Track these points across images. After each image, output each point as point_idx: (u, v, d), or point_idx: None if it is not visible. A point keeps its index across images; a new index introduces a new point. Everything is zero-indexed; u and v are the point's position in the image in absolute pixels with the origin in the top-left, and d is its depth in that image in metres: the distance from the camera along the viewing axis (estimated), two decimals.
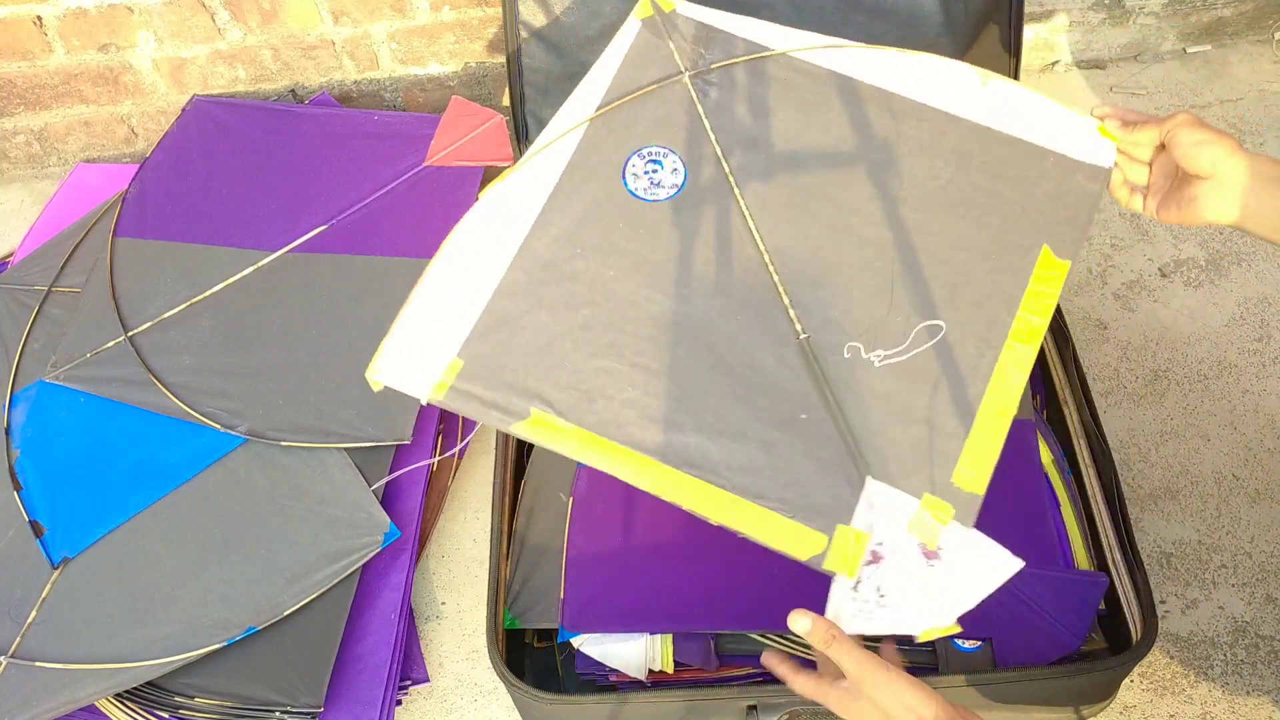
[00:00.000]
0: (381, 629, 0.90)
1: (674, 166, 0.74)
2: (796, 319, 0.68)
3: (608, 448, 0.63)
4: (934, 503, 0.62)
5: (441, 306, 0.67)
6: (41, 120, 1.33)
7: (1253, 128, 1.27)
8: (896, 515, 0.62)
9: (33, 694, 0.83)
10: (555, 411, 0.64)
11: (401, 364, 0.66)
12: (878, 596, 0.60)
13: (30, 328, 1.07)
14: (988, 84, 0.75)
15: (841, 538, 0.61)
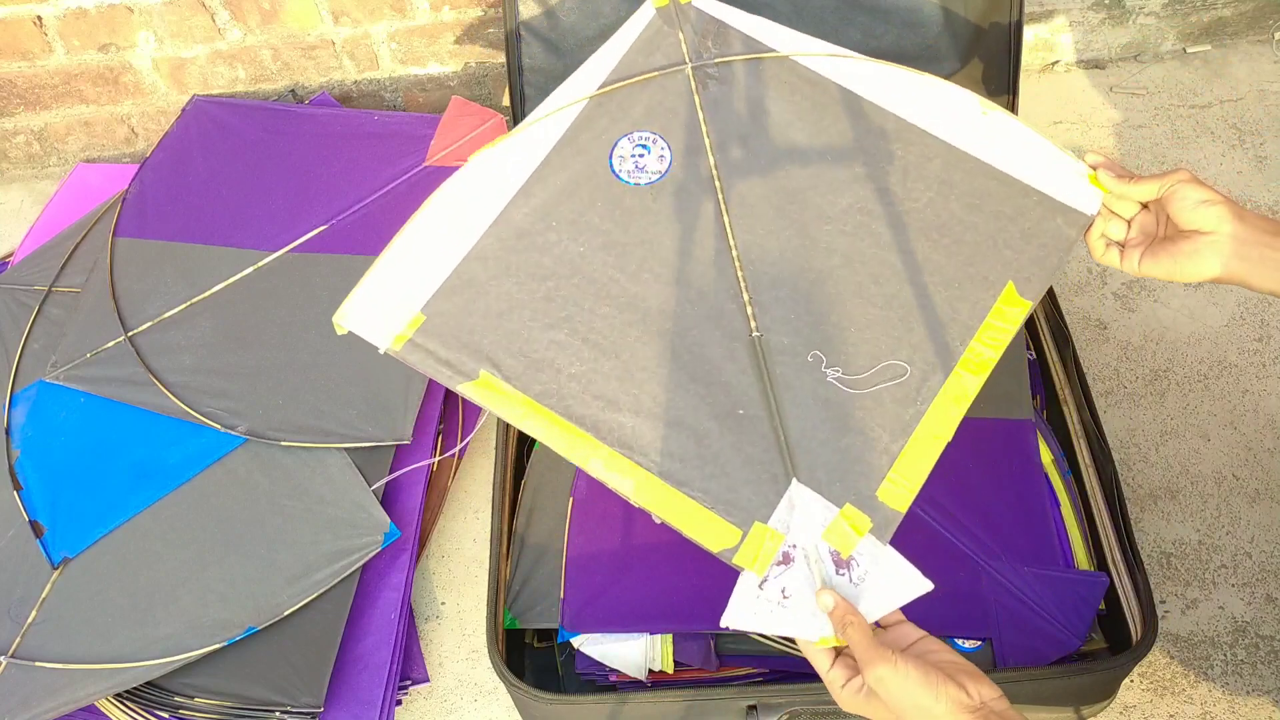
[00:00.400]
0: (381, 629, 0.90)
1: (661, 153, 0.75)
2: (753, 316, 0.69)
3: (547, 417, 0.65)
4: (854, 514, 0.63)
5: (414, 262, 0.70)
6: (41, 120, 1.33)
7: (1253, 128, 1.27)
8: (814, 520, 0.63)
9: (33, 694, 0.83)
10: (503, 376, 0.66)
11: (368, 311, 0.69)
12: (780, 597, 0.61)
13: (30, 328, 1.07)
14: (987, 114, 0.75)
15: (756, 534, 0.62)
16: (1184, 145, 1.26)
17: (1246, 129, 1.27)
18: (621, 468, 0.64)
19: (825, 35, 0.93)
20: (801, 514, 0.63)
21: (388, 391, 0.97)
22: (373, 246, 1.08)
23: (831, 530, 0.62)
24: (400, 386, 0.98)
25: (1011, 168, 0.74)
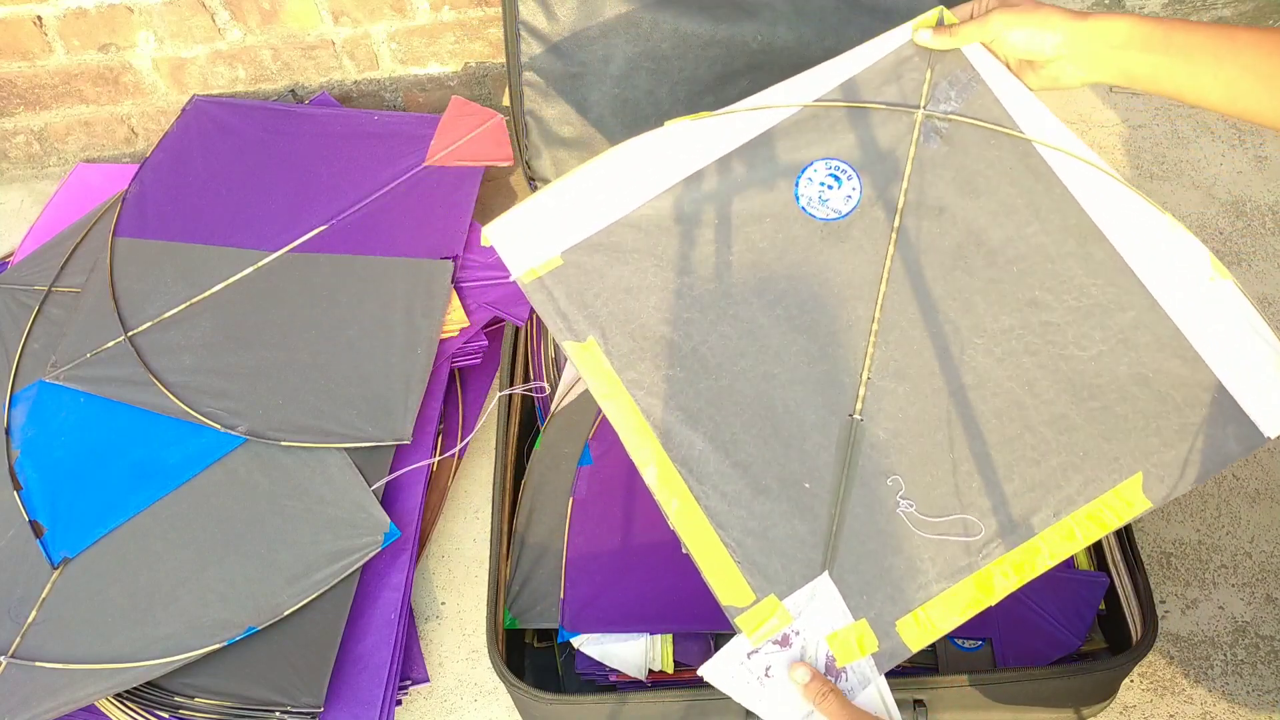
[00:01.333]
0: (381, 629, 0.90)
1: (850, 193, 0.70)
2: (862, 398, 0.66)
3: (628, 406, 0.65)
4: (866, 631, 0.62)
5: (576, 203, 0.68)
6: (41, 120, 1.33)
7: (1252, 128, 1.27)
8: (827, 620, 0.62)
9: (33, 694, 0.83)
10: (606, 350, 0.66)
11: (517, 234, 0.67)
12: (764, 674, 0.62)
13: (30, 328, 1.07)
14: (1213, 280, 0.65)
15: (767, 606, 0.62)
16: (1184, 145, 1.26)
17: (1246, 129, 1.27)
18: (673, 486, 0.63)
19: (824, 36, 0.93)
20: (818, 608, 0.62)
21: (388, 392, 0.97)
22: (373, 246, 1.08)
23: (838, 637, 0.62)
24: (400, 387, 0.98)
25: (1208, 351, 0.65)
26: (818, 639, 0.62)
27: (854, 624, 0.62)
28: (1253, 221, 1.19)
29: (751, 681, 0.62)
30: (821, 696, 0.59)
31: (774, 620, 0.62)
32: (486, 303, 1.04)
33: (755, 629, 0.61)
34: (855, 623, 0.62)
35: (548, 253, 0.67)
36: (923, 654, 0.80)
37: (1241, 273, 1.14)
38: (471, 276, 1.06)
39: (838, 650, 0.62)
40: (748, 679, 0.62)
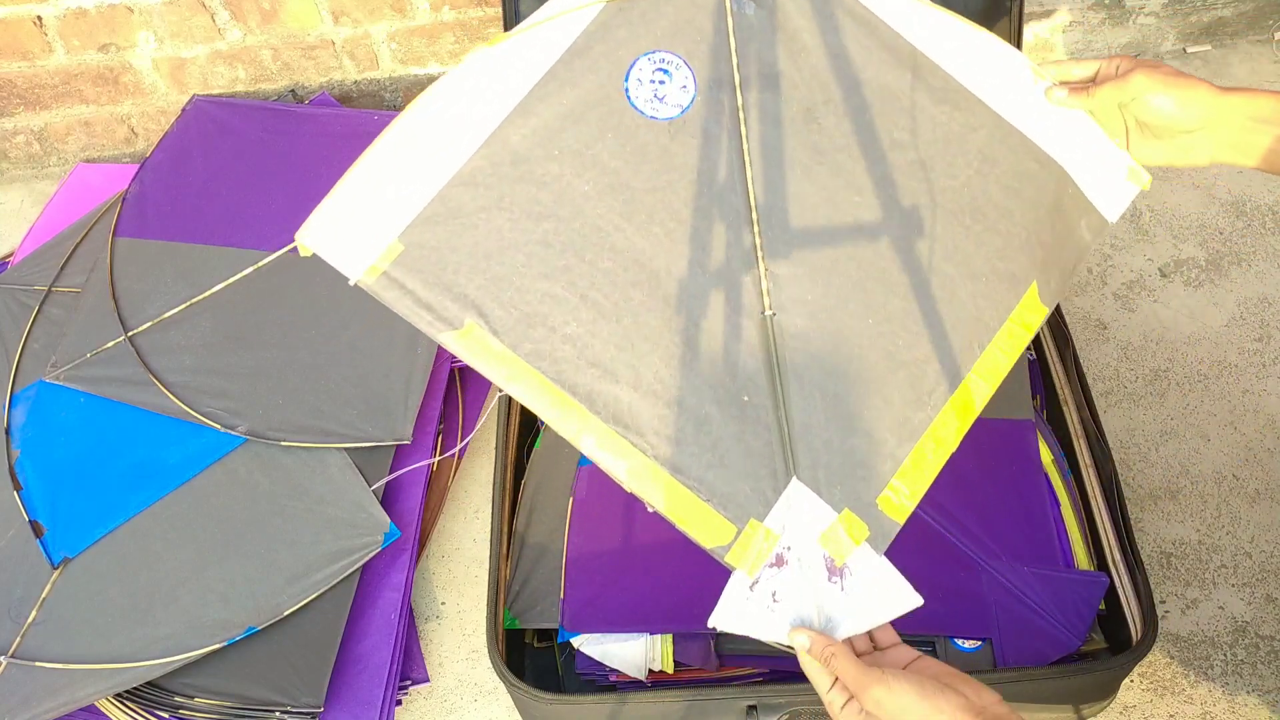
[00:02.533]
0: (381, 629, 0.90)
1: (684, 83, 0.65)
2: (766, 292, 0.62)
3: (537, 382, 0.58)
4: (852, 520, 0.59)
5: (394, 178, 0.59)
6: (41, 120, 1.33)
7: None
8: (812, 523, 0.59)
9: (33, 694, 0.83)
10: (491, 329, 0.58)
11: (337, 232, 0.59)
12: (771, 600, 0.58)
13: (30, 328, 1.07)
14: (1038, 83, 0.67)
15: (751, 533, 0.58)
16: None
17: None
18: (616, 448, 0.58)
19: None
20: (798, 515, 0.59)
21: (388, 391, 0.97)
22: None
23: (827, 536, 0.59)
24: (400, 387, 0.98)
25: (1056, 150, 0.66)
26: (809, 546, 0.59)
27: (838, 517, 0.59)
28: (1253, 221, 1.19)
29: (763, 612, 0.58)
30: (829, 657, 0.56)
31: (762, 543, 0.58)
32: None
33: (747, 559, 0.58)
34: (839, 515, 0.59)
35: (382, 242, 0.59)
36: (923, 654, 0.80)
37: (1241, 272, 1.14)
38: None
39: (831, 549, 0.58)
40: (759, 612, 0.58)
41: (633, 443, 0.58)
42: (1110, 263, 1.17)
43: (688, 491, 0.58)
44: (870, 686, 0.53)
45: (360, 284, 0.59)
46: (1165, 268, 1.16)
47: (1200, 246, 1.17)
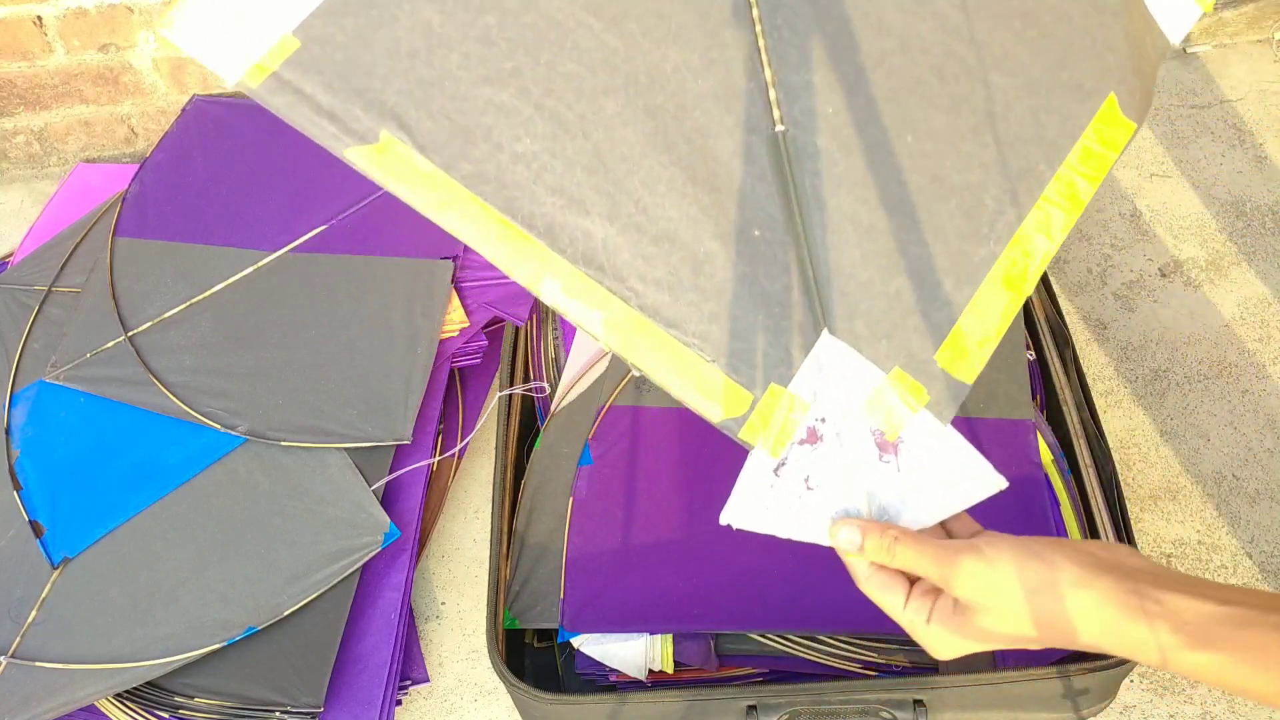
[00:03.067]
0: (381, 629, 0.90)
1: None
2: (777, 102, 0.51)
3: (480, 211, 0.46)
4: (905, 381, 0.48)
5: None
6: (41, 120, 1.33)
7: (1252, 128, 1.27)
8: (852, 387, 0.47)
9: (33, 694, 0.83)
10: (414, 143, 0.46)
11: (210, 21, 0.45)
12: (803, 488, 0.46)
13: (30, 328, 1.07)
14: None
15: (772, 400, 0.46)
16: (1184, 145, 1.26)
17: (1246, 129, 1.27)
18: (587, 295, 0.46)
19: None
20: (834, 378, 0.47)
21: (388, 391, 0.97)
22: (373, 246, 1.08)
23: (875, 402, 0.47)
24: (400, 386, 0.98)
25: None
26: (851, 417, 0.47)
27: (887, 378, 0.47)
28: (1253, 221, 1.19)
29: (793, 503, 0.46)
30: (888, 547, 0.43)
31: (786, 414, 0.47)
32: (486, 302, 1.04)
33: (769, 434, 0.46)
34: (888, 376, 0.48)
35: (270, 34, 0.46)
36: (923, 654, 0.80)
37: (1241, 272, 1.14)
38: (471, 276, 1.06)
39: (881, 420, 0.47)
40: (787, 502, 0.46)
41: (610, 289, 0.46)
42: (1110, 263, 1.17)
43: (686, 350, 0.46)
44: (959, 559, 0.41)
45: (240, 86, 0.45)
46: (1165, 268, 1.16)
47: (1200, 246, 1.17)
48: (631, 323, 0.46)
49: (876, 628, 0.80)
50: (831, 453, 0.46)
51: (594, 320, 0.46)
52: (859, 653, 0.80)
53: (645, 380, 0.96)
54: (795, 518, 0.46)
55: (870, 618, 0.80)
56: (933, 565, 0.41)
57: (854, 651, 0.80)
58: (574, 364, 0.98)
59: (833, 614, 0.80)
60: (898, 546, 0.43)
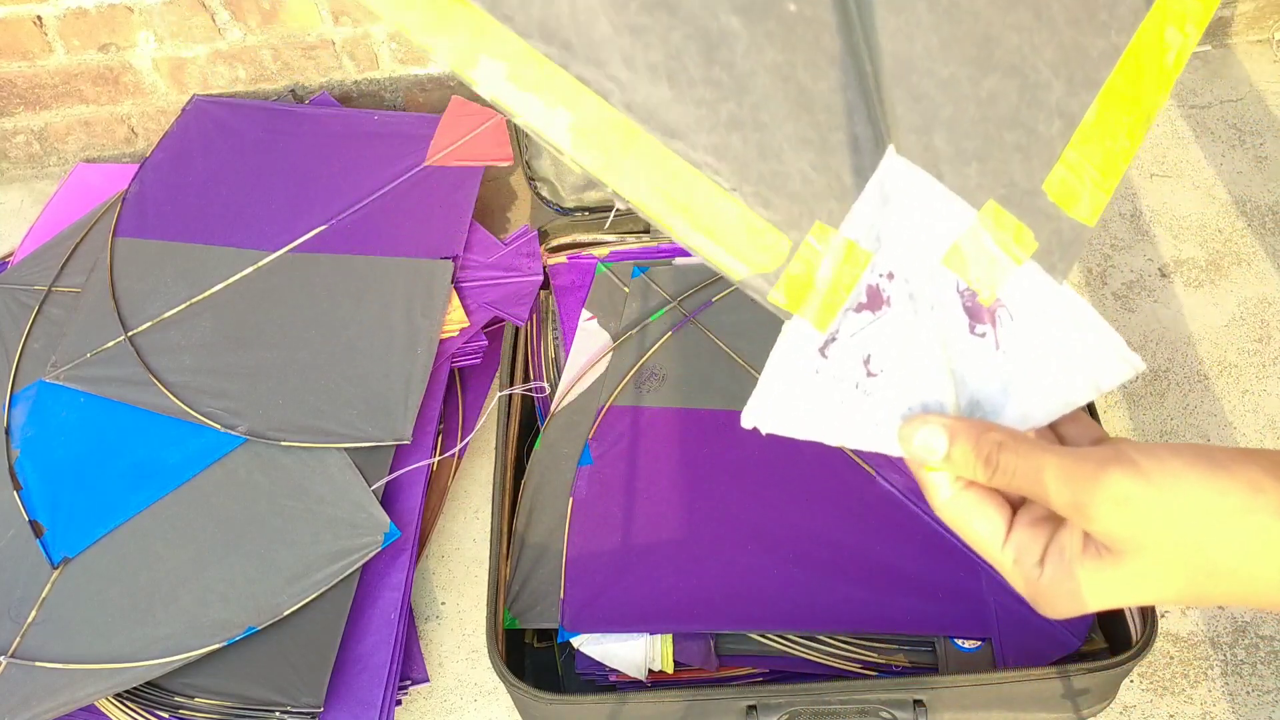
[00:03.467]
0: (381, 629, 0.90)
1: None
2: None
3: None
4: (1004, 221, 0.34)
5: None
6: (41, 120, 1.33)
7: (1252, 128, 1.27)
8: (930, 230, 0.34)
9: (33, 694, 0.83)
10: None
11: None
12: (861, 373, 0.33)
13: (30, 328, 1.07)
14: None
15: (817, 248, 0.33)
16: (1184, 145, 1.26)
17: (1246, 129, 1.27)
18: (545, 85, 0.31)
19: None
20: (905, 216, 0.34)
21: (388, 391, 0.97)
22: (373, 246, 1.08)
23: (963, 250, 0.34)
24: (400, 386, 0.98)
25: None
26: (930, 272, 0.33)
27: (978, 216, 0.34)
28: (1253, 221, 1.19)
29: (847, 397, 0.33)
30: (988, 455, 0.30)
31: (838, 267, 0.33)
32: (486, 302, 1.04)
33: (812, 297, 0.33)
34: (980, 212, 0.34)
35: None
36: (923, 654, 0.80)
37: (1241, 272, 1.14)
38: (471, 276, 1.06)
39: (974, 276, 0.34)
40: (838, 394, 0.33)
41: (580, 77, 0.31)
42: (1110, 263, 1.17)
43: (692, 172, 0.32)
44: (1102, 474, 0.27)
45: None
46: (1165, 268, 1.16)
47: (1200, 246, 1.17)
48: (612, 130, 0.31)
49: (876, 628, 0.80)
50: (902, 323, 0.33)
51: (556, 125, 0.31)
52: (859, 653, 0.80)
53: (646, 378, 0.96)
54: (849, 416, 0.33)
55: (870, 617, 0.81)
56: (1060, 483, 0.28)
57: (854, 651, 0.80)
58: (574, 364, 0.98)
59: (833, 614, 0.80)
60: (1002, 455, 0.29)
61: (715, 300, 1.01)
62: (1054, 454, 0.29)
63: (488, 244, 1.09)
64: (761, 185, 0.33)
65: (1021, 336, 0.34)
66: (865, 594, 0.81)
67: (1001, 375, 0.34)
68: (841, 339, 0.33)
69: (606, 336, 1.00)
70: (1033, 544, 0.31)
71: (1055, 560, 0.30)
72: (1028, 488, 0.30)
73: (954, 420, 0.32)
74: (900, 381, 0.34)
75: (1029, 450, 0.30)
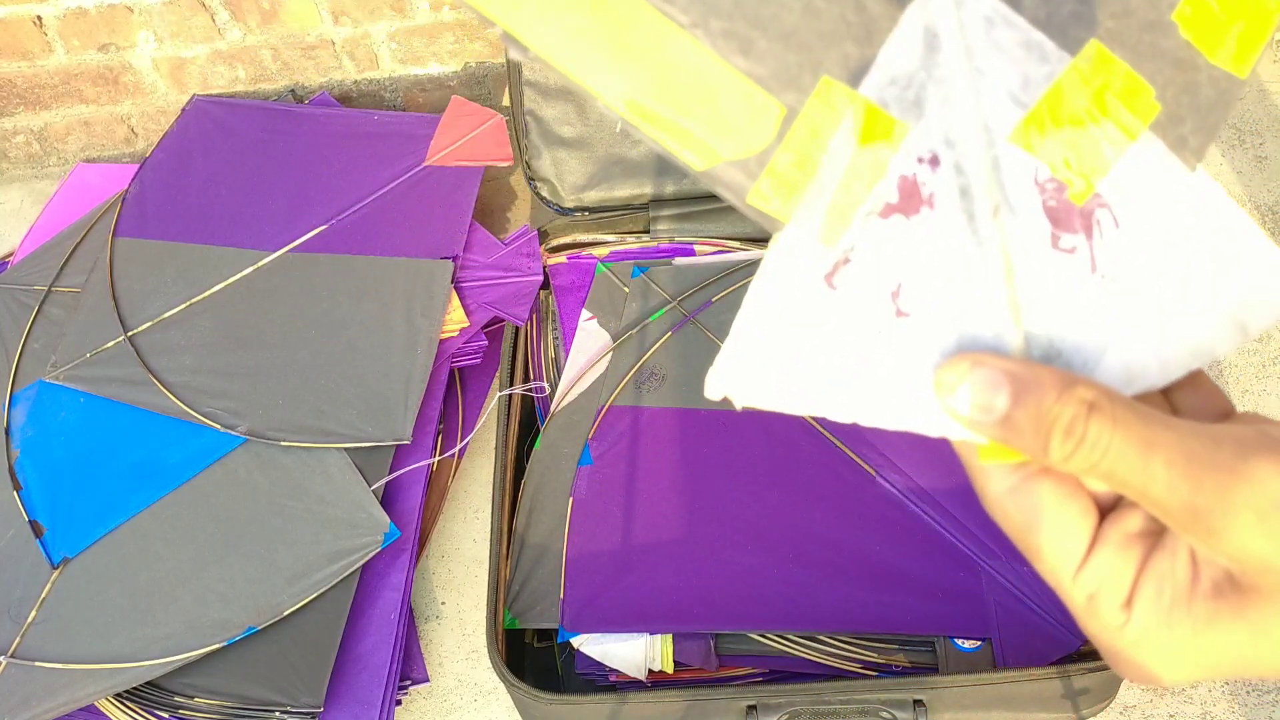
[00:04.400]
0: (381, 629, 0.90)
1: None
2: None
3: None
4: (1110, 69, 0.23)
5: None
6: (41, 120, 1.33)
7: (1252, 127, 1.27)
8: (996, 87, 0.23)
9: (32, 694, 0.83)
10: None
11: None
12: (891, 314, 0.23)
13: (30, 328, 1.07)
14: None
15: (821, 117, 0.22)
16: None
17: (1246, 128, 1.27)
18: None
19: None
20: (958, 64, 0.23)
21: (387, 391, 0.97)
22: (372, 246, 1.08)
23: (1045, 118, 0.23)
24: (400, 386, 0.98)
25: None
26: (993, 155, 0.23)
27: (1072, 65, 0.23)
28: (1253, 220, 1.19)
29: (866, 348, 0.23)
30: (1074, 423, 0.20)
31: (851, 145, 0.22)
32: (486, 302, 1.04)
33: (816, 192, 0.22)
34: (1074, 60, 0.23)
35: None
36: (922, 654, 0.80)
37: None
38: (471, 276, 1.06)
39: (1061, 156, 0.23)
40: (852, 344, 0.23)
41: None
42: None
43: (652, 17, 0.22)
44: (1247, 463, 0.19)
45: None
46: None
47: None
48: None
49: (876, 628, 0.80)
50: (951, 234, 0.23)
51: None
52: (859, 652, 0.80)
53: (646, 378, 0.96)
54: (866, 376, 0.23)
55: (870, 617, 0.81)
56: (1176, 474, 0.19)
57: (854, 651, 0.80)
58: (574, 364, 0.98)
59: (833, 614, 0.80)
60: (1093, 423, 0.20)
61: (715, 300, 1.01)
62: (1172, 429, 0.19)
63: (488, 244, 1.09)
64: (738, 19, 0.22)
65: (1131, 251, 0.24)
66: (865, 594, 0.81)
67: (1098, 310, 0.23)
68: (858, 259, 0.23)
69: (606, 336, 1.00)
70: (1119, 575, 0.21)
71: (1151, 601, 0.20)
72: (1129, 478, 0.19)
73: (1021, 365, 0.21)
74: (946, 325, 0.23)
75: (1134, 420, 0.19)
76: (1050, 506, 0.21)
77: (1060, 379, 0.20)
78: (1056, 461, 0.20)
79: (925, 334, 0.23)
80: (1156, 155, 0.24)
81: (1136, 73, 0.23)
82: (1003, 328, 0.23)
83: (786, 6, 0.22)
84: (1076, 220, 0.23)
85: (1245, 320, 0.24)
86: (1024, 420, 0.20)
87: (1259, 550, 0.18)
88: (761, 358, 0.22)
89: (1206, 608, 0.20)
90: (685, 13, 0.21)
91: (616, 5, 0.21)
